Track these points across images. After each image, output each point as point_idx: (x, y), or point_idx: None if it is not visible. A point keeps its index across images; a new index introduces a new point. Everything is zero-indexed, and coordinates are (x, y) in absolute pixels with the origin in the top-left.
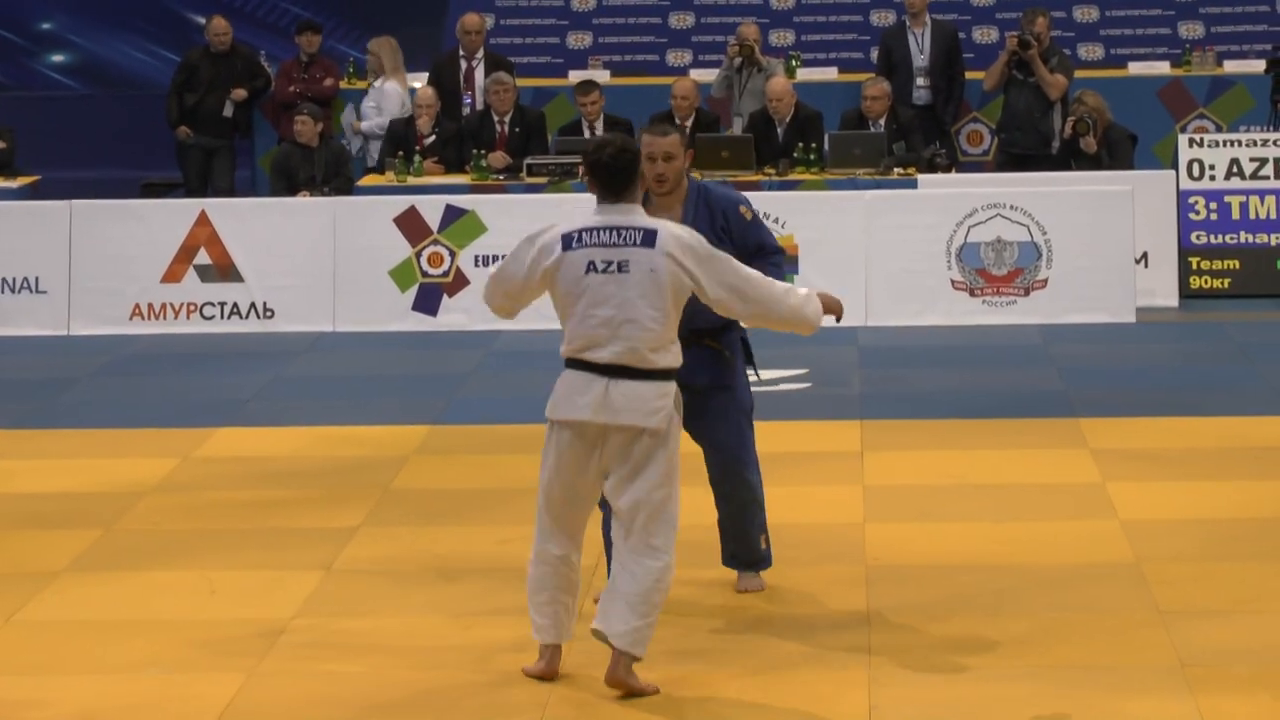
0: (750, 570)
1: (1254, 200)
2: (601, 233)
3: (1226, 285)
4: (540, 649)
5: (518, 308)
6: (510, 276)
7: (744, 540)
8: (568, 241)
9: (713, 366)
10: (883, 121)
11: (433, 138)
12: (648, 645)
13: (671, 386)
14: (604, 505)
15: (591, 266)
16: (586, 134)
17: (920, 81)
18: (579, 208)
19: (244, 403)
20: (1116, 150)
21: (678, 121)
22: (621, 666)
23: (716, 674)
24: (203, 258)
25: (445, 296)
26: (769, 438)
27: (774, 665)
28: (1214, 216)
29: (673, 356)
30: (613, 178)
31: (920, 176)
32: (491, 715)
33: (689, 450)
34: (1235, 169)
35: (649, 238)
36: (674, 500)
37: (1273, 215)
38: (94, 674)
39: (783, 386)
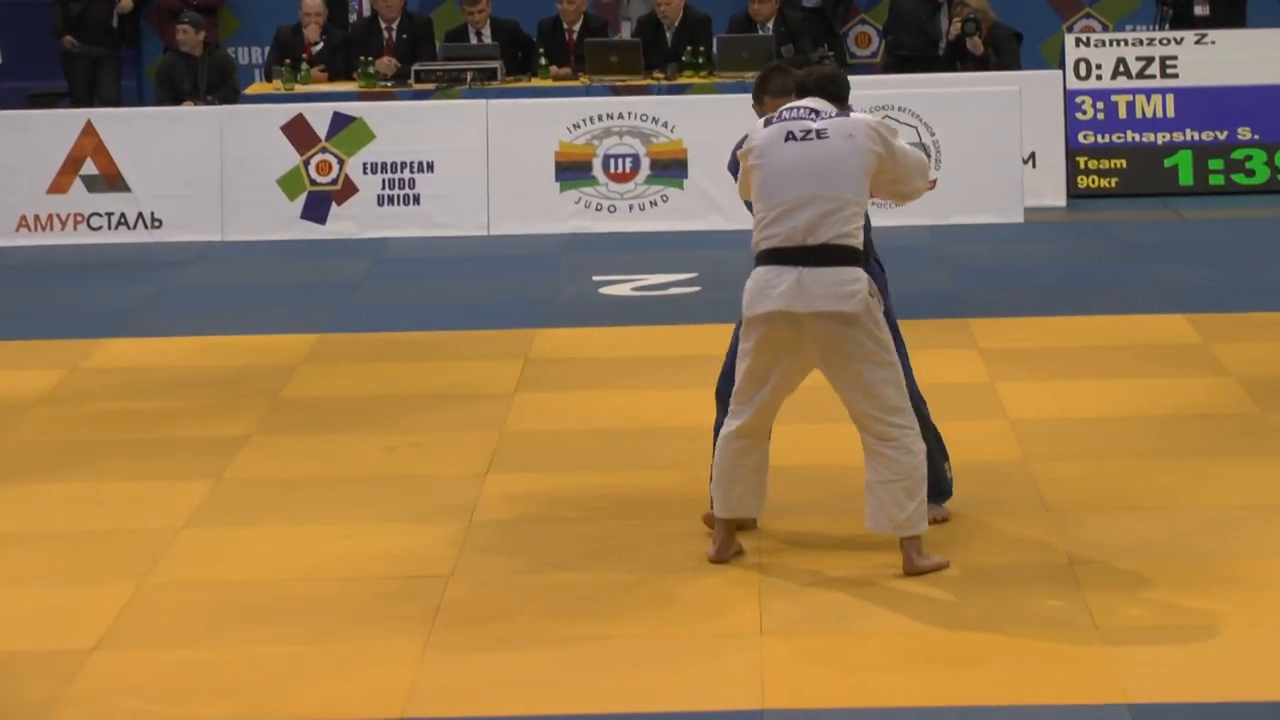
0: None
1: (1140, 100)
2: (799, 109)
3: (1114, 184)
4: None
5: None
6: (740, 184)
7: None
8: (767, 122)
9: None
10: (771, 24)
11: (320, 45)
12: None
13: (861, 272)
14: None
15: (790, 135)
16: (473, 39)
17: None
18: (467, 112)
19: (132, 313)
20: (1002, 50)
21: (565, 26)
22: (913, 551)
23: (604, 579)
24: (89, 168)
25: (334, 204)
26: (657, 341)
27: (663, 566)
28: (1101, 116)
29: (860, 239)
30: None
31: None
32: (378, 622)
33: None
34: (1122, 68)
35: (843, 114)
36: (892, 381)
37: (1159, 115)
38: None
39: (672, 290)
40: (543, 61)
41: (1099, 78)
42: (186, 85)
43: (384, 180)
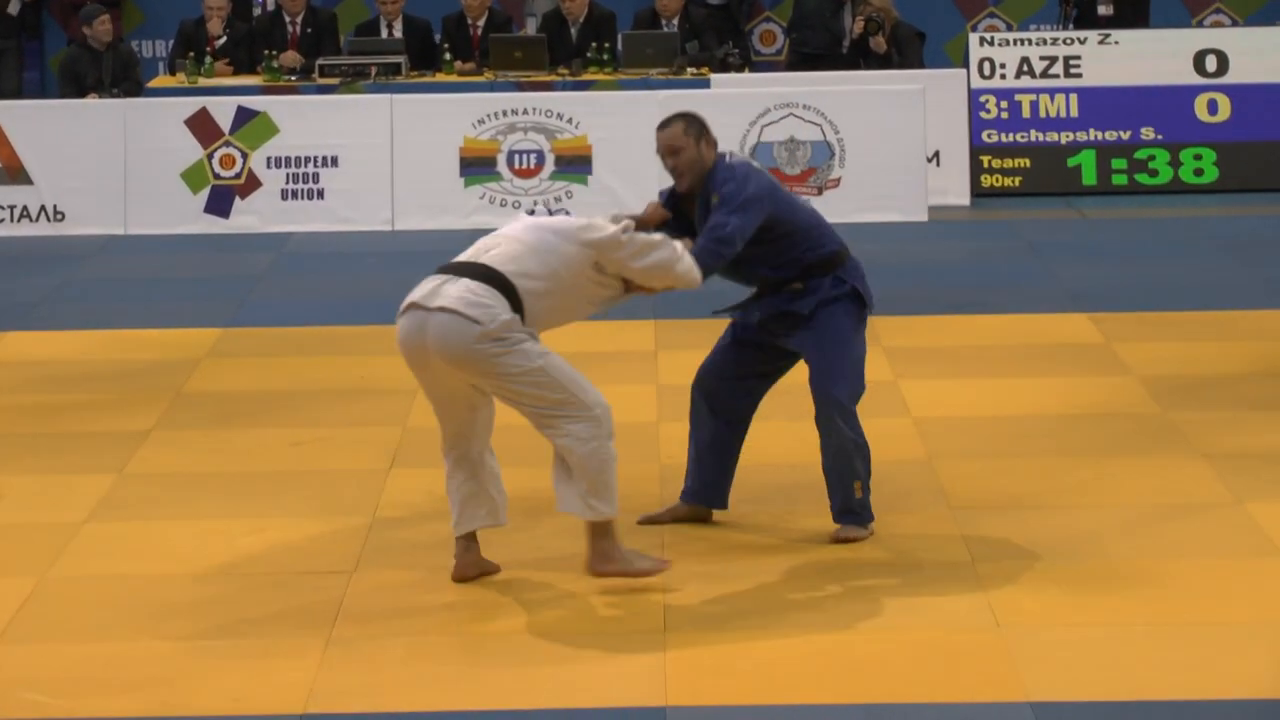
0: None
1: (1044, 99)
2: None
3: (1018, 184)
4: None
5: None
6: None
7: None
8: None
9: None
10: (676, 21)
11: (224, 39)
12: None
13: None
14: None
15: None
16: (384, 34)
17: None
18: (372, 107)
19: (33, 306)
20: (905, 49)
21: (469, 22)
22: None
23: (512, 576)
24: None
25: (237, 198)
26: (564, 338)
27: (566, 564)
28: (1005, 115)
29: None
30: None
31: (713, 76)
32: (281, 618)
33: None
34: (1026, 68)
35: None
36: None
37: (1063, 114)
38: None
39: None
40: (447, 57)
41: (1003, 77)
42: (90, 78)
43: (288, 175)
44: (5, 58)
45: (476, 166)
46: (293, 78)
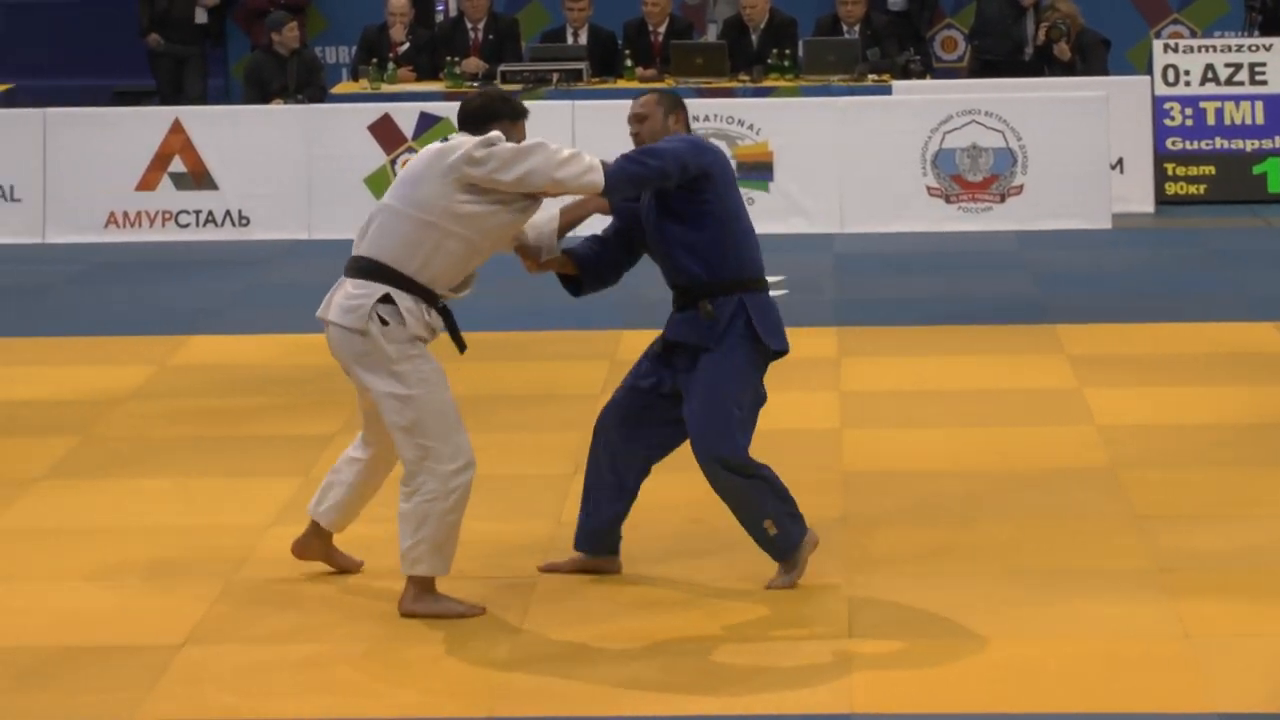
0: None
1: (1229, 106)
2: None
3: (1202, 191)
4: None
5: None
6: None
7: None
8: None
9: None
10: (857, 28)
11: (406, 45)
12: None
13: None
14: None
15: None
16: (569, 40)
17: None
18: (553, 113)
19: (219, 310)
20: (1090, 56)
21: (650, 28)
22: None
23: (698, 578)
24: (177, 165)
25: None
26: None
27: (753, 572)
28: (1189, 122)
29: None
30: None
31: (895, 83)
32: (467, 624)
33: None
34: (1210, 74)
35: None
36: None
37: (1248, 121)
38: (71, 581)
39: None
40: (628, 63)
41: (1187, 84)
42: (275, 84)
43: None
44: (190, 64)
45: None
46: (474, 84)
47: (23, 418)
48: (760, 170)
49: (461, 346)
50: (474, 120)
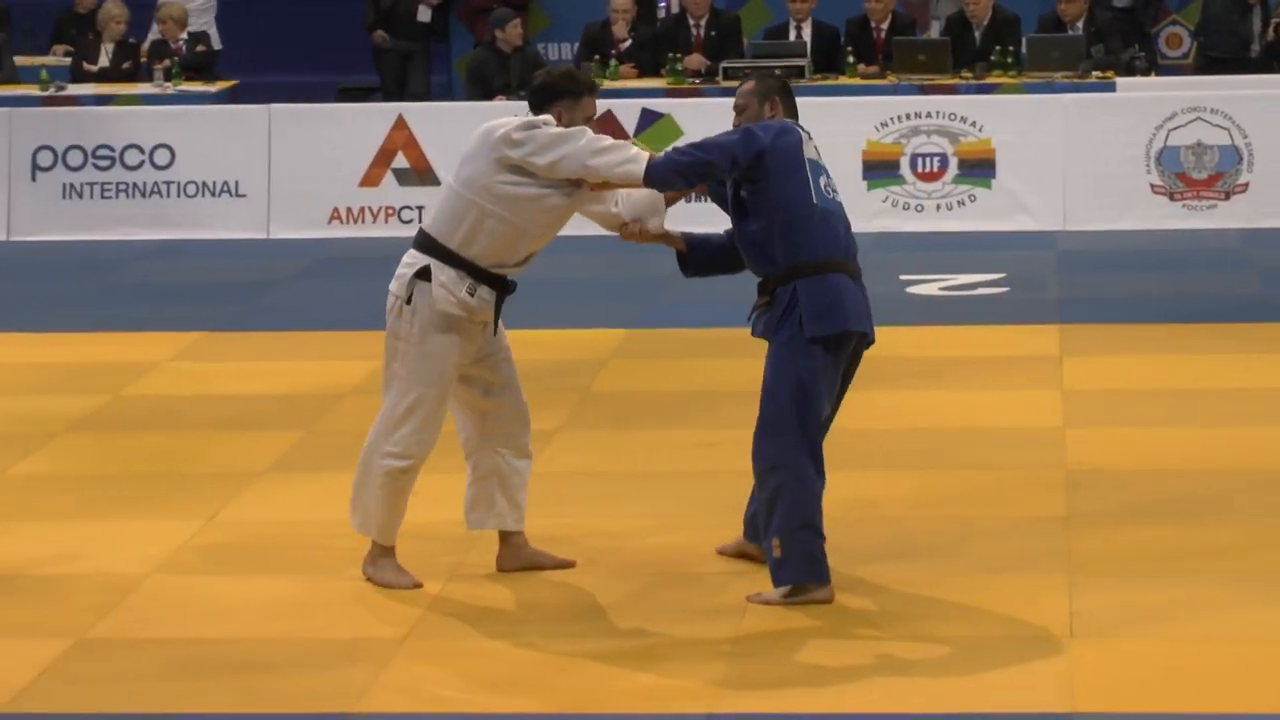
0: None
1: None
2: None
3: None
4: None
5: None
6: None
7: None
8: None
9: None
10: (1081, 24)
11: (628, 42)
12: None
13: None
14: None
15: None
16: (791, 36)
17: None
18: None
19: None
20: None
21: (873, 25)
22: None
23: (917, 577)
24: (400, 161)
25: None
26: (967, 342)
27: (975, 569)
28: None
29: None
30: None
31: (1119, 80)
32: (685, 619)
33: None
34: None
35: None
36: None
37: None
38: (294, 573)
39: (980, 291)
40: (850, 60)
41: None
42: (497, 80)
43: None
44: (414, 61)
45: (879, 170)
46: (696, 80)
47: (247, 413)
48: (983, 167)
49: (495, 328)
50: (537, 98)
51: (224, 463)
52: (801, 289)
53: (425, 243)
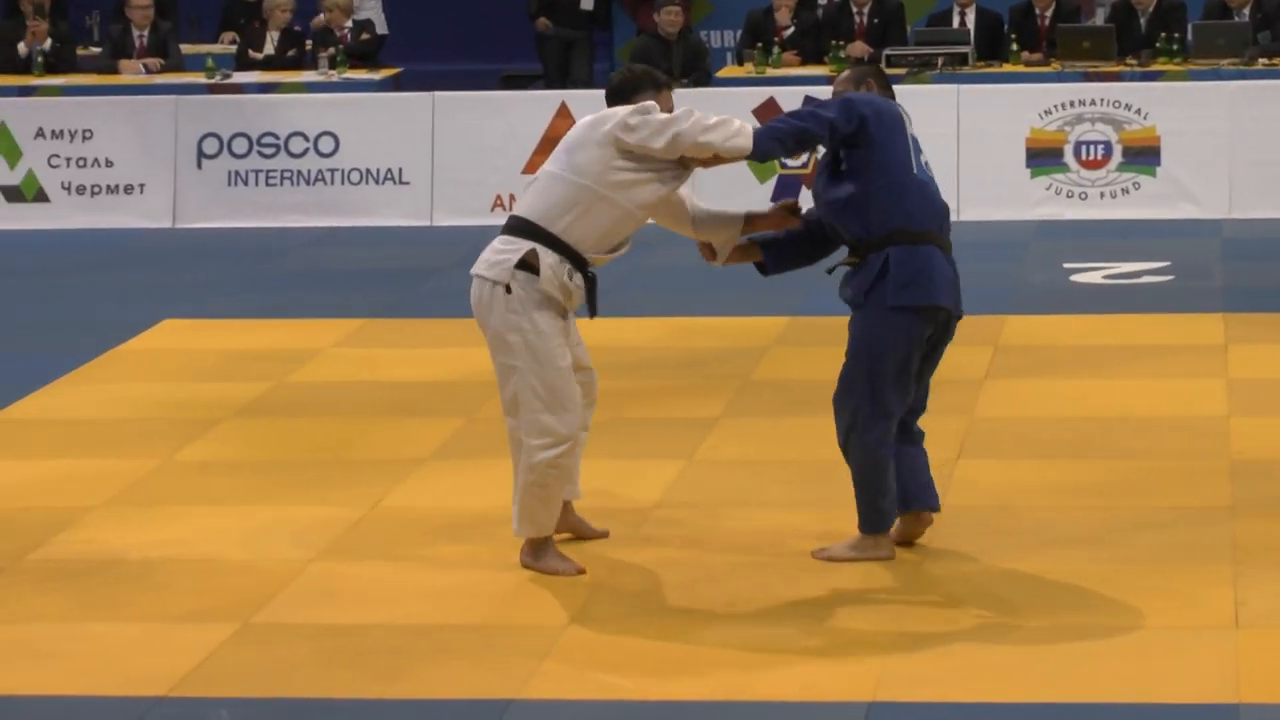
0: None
1: None
2: None
3: None
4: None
5: None
6: None
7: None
8: None
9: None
10: (1247, 11)
11: (791, 29)
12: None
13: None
14: None
15: None
16: (955, 23)
17: None
18: (938, 98)
19: (603, 293)
20: None
21: (1037, 12)
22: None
23: (1080, 567)
24: None
25: (804, 188)
26: (1131, 330)
27: (1138, 559)
28: None
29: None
30: None
31: None
32: (843, 605)
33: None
34: None
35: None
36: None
37: None
38: (455, 561)
39: (1144, 279)
40: (1014, 47)
41: None
42: (660, 68)
43: None
44: (576, 49)
45: (1043, 157)
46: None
47: (409, 399)
48: (1147, 155)
49: (593, 311)
50: (619, 94)
51: (386, 449)
52: (894, 256)
53: (525, 228)
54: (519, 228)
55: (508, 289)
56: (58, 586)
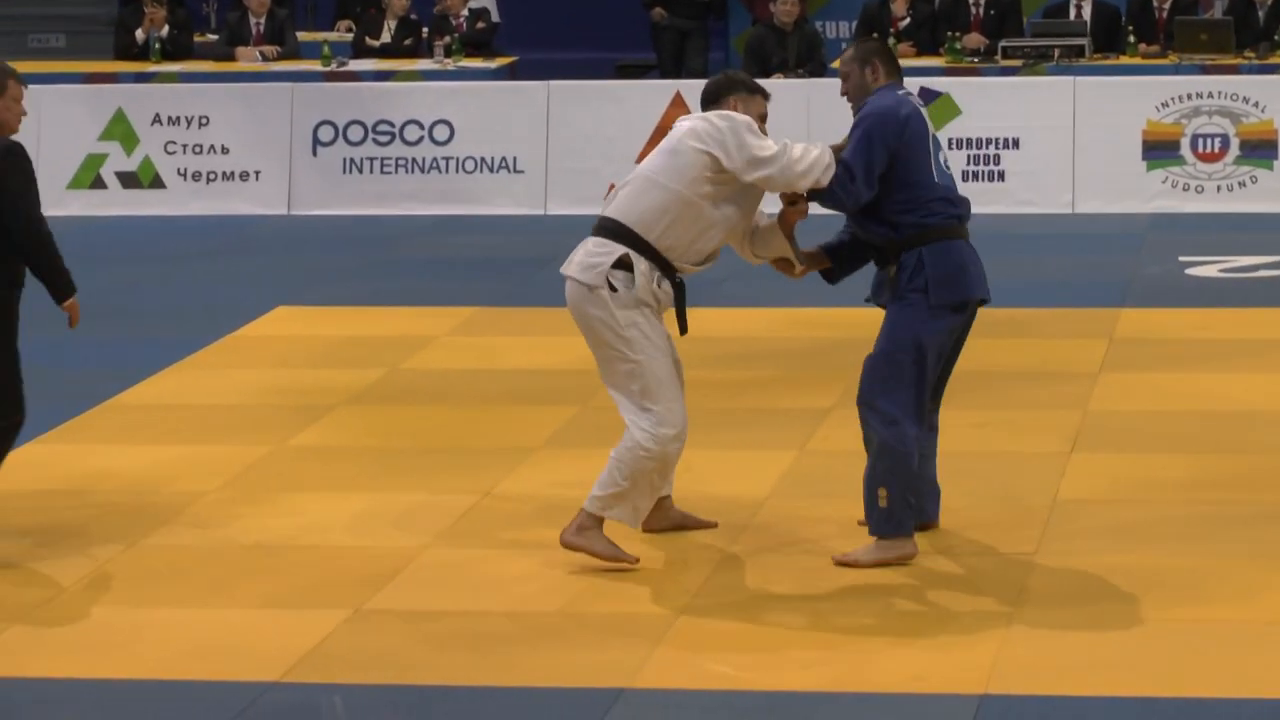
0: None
1: None
2: None
3: None
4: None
5: None
6: None
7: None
8: None
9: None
10: None
11: (907, 20)
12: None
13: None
14: None
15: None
16: (1071, 15)
17: None
18: (1054, 89)
19: (720, 283)
20: None
21: (1155, 4)
22: (578, 522)
23: (1195, 562)
24: None
25: None
26: (1247, 324)
27: (1253, 553)
28: None
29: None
30: None
31: None
32: (960, 600)
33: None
34: None
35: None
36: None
37: None
38: (567, 553)
39: (1261, 273)
40: (1131, 39)
41: None
42: (775, 58)
43: (969, 156)
44: (692, 38)
45: (1159, 150)
46: (975, 59)
47: (523, 387)
48: (1264, 149)
49: (683, 328)
50: (710, 98)
51: (500, 437)
52: (927, 256)
53: (619, 231)
54: (614, 231)
55: (612, 287)
56: (172, 571)
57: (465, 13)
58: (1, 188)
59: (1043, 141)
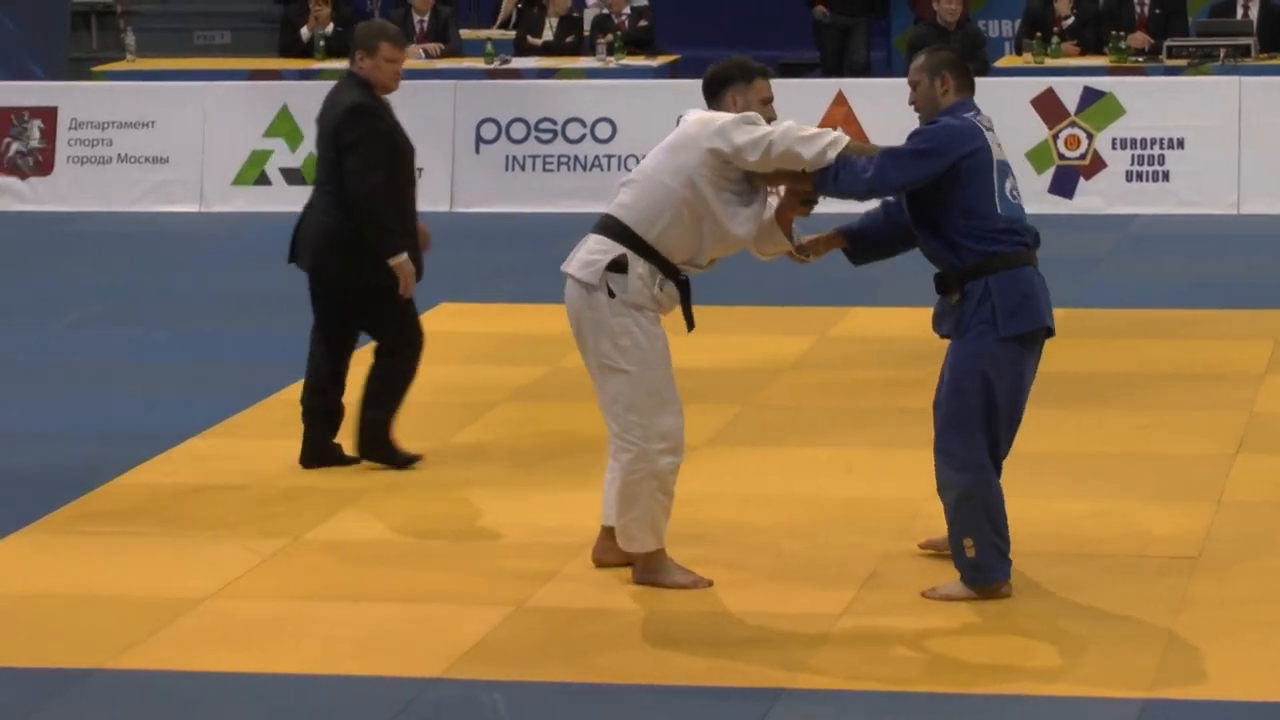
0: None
1: None
2: None
3: None
4: None
5: None
6: None
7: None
8: None
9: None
10: None
11: (1071, 19)
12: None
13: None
14: None
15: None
16: (1238, 14)
17: None
18: (1219, 90)
19: (877, 280)
20: None
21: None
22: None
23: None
24: None
25: (1081, 179)
26: None
27: None
28: None
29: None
30: None
31: None
32: (1125, 601)
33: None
34: None
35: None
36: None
37: None
38: (725, 547)
39: None
40: None
41: None
42: None
43: (1133, 156)
44: (854, 36)
45: None
46: (1140, 59)
47: (685, 385)
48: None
49: (690, 324)
50: (709, 88)
51: None
52: (994, 285)
53: (618, 230)
54: (612, 229)
55: (610, 293)
56: (334, 565)
57: (627, 10)
58: (339, 142)
59: (1207, 142)
